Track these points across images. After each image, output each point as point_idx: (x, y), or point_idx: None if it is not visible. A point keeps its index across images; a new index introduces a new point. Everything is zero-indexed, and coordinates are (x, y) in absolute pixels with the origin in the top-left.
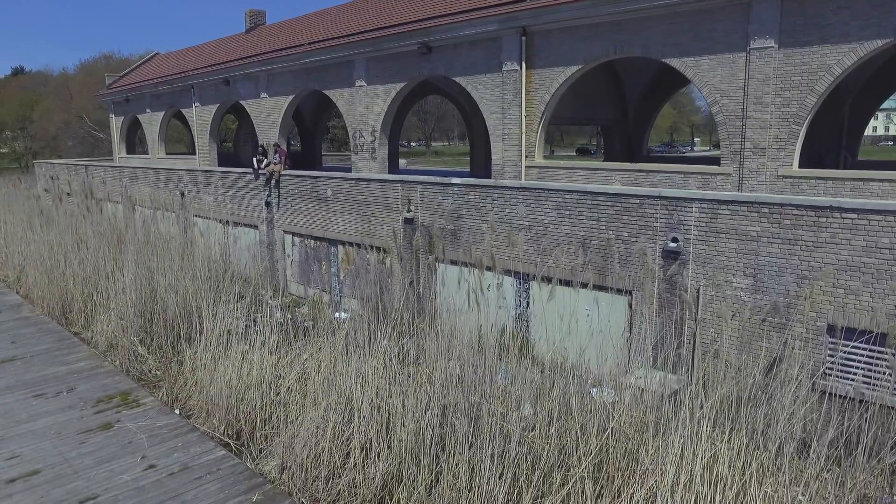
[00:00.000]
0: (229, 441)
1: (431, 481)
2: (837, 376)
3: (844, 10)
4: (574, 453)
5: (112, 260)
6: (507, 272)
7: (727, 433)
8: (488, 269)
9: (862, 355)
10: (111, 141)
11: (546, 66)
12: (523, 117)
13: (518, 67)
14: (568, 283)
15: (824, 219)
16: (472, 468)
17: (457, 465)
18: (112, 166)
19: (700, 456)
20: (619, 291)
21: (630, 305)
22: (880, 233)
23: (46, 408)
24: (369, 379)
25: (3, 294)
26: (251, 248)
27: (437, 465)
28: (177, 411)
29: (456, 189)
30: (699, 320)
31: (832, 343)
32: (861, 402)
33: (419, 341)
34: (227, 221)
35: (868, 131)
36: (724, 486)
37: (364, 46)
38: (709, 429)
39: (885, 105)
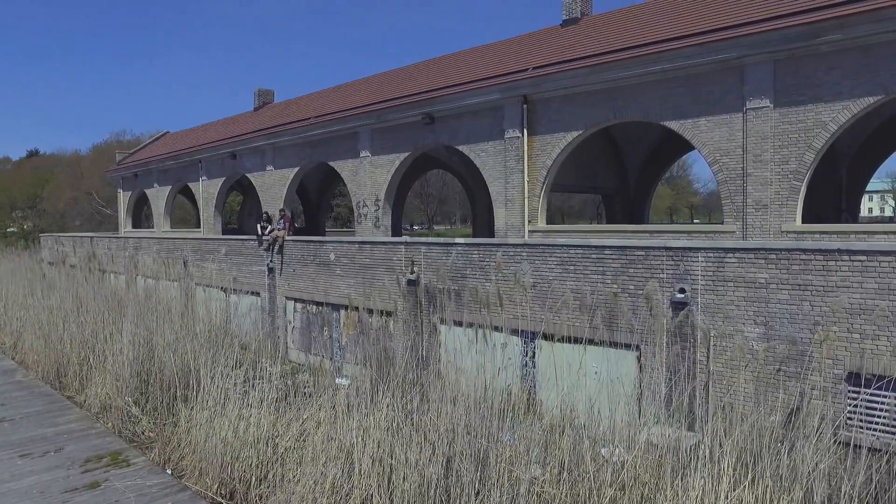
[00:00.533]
0: (222, 501)
1: None
2: (860, 426)
3: (835, 69)
4: (588, 502)
5: (111, 323)
6: (513, 331)
7: (750, 477)
8: (493, 328)
9: (884, 403)
10: (118, 216)
11: (547, 132)
12: (525, 182)
13: (520, 134)
14: (575, 340)
15: (833, 262)
16: None
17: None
18: (116, 237)
19: (723, 499)
20: (628, 346)
21: (639, 360)
22: (892, 274)
23: (31, 467)
24: (371, 432)
25: None
26: (252, 315)
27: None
28: (168, 471)
29: (459, 248)
30: (711, 372)
31: (852, 391)
32: (886, 452)
33: (423, 391)
34: (229, 289)
35: (863, 211)
36: None
37: (368, 118)
38: (730, 470)
39: (877, 187)
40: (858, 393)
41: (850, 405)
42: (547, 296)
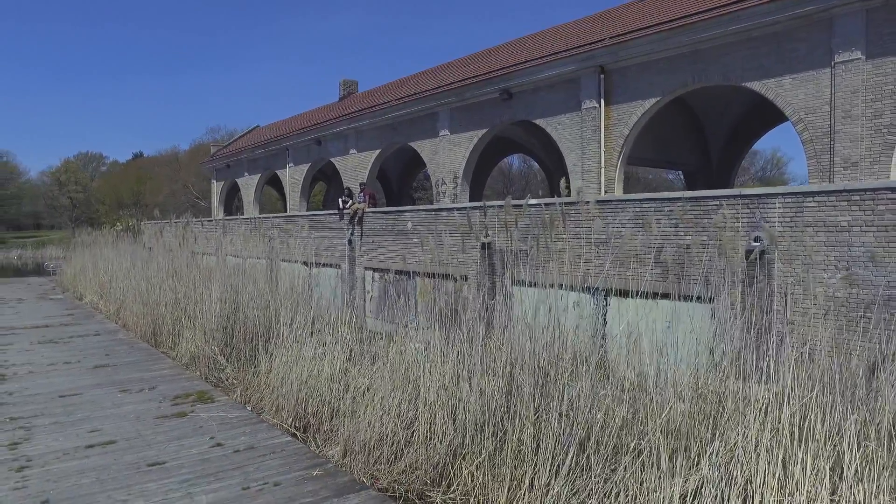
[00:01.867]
0: (296, 432)
1: (495, 447)
2: None
3: None
4: (648, 416)
5: (201, 287)
6: (585, 289)
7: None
8: (565, 287)
9: None
10: (211, 206)
11: (624, 101)
12: (602, 153)
13: (597, 105)
14: (647, 295)
15: None
16: (539, 430)
17: (522, 427)
18: (208, 220)
19: (788, 410)
20: (700, 299)
21: (713, 312)
22: None
23: (130, 399)
24: (438, 364)
25: (103, 323)
26: (332, 287)
27: (502, 430)
28: (249, 408)
29: (532, 210)
30: (788, 322)
31: None
32: None
33: (491, 319)
34: (311, 262)
35: None
36: (819, 444)
37: (447, 97)
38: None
39: None
40: None
41: None
42: (619, 252)
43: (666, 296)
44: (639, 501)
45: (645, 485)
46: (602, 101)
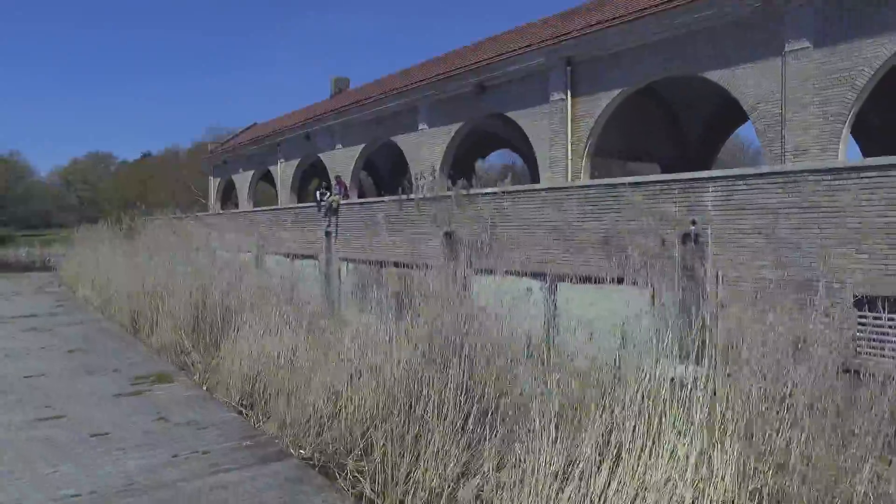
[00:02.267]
0: (242, 409)
1: (404, 418)
2: (869, 353)
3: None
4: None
5: (174, 278)
6: (535, 275)
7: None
8: (519, 274)
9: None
10: (209, 202)
11: (590, 92)
12: (570, 144)
13: (564, 97)
14: (592, 280)
15: (841, 181)
16: (442, 399)
17: (428, 398)
18: (197, 216)
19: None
20: (641, 284)
21: (652, 297)
22: None
23: (94, 380)
24: (369, 343)
25: (89, 314)
26: (310, 278)
27: (416, 398)
28: (204, 388)
29: (489, 198)
30: (720, 303)
31: (861, 316)
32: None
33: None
34: (292, 255)
35: None
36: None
37: (426, 91)
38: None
39: None
40: (867, 318)
41: (858, 332)
42: (566, 238)
43: (608, 280)
44: (528, 464)
45: (532, 453)
46: (569, 93)
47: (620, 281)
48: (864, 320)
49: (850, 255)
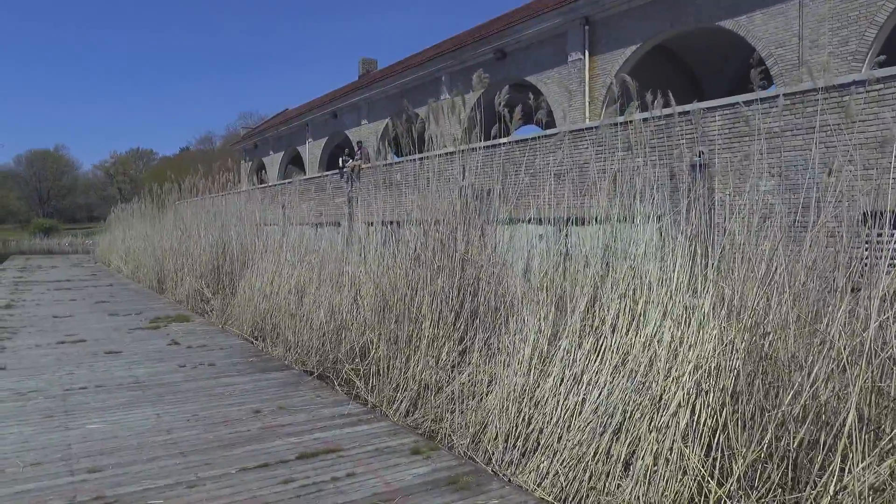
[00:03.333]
0: (252, 339)
1: (397, 319)
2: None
3: None
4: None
5: (198, 233)
6: (549, 220)
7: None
8: (531, 221)
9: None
10: (241, 185)
11: (607, 51)
12: (587, 103)
13: (581, 56)
14: (603, 220)
15: (848, 97)
16: (436, 301)
17: (422, 300)
18: (224, 194)
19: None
20: (650, 218)
21: (660, 230)
22: None
23: (114, 320)
24: (374, 268)
25: (119, 279)
26: (333, 240)
27: (413, 299)
28: (220, 326)
29: (503, 149)
30: (729, 233)
31: (867, 234)
32: None
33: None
34: (317, 224)
35: None
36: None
37: (447, 60)
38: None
39: None
40: (871, 235)
41: (866, 248)
42: (579, 181)
43: (618, 218)
44: (509, 350)
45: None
46: (587, 53)
47: (630, 218)
48: (869, 238)
49: (855, 171)
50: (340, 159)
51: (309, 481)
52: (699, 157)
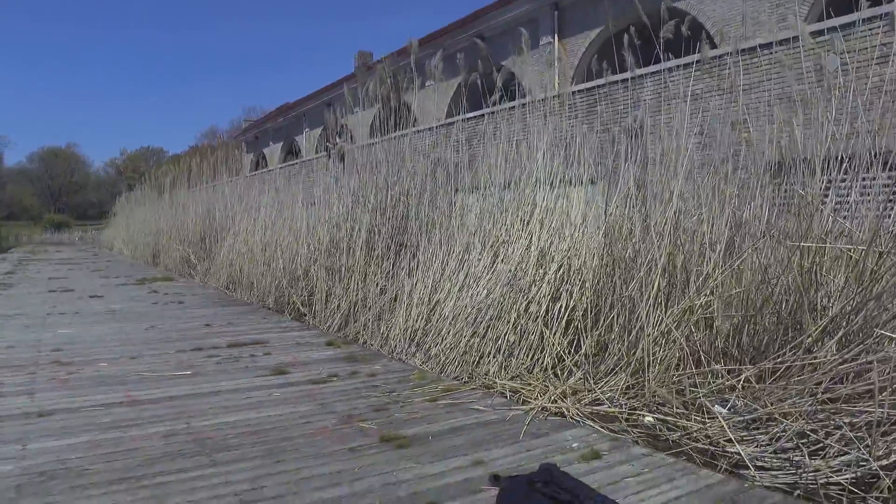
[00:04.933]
0: (226, 290)
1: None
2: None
3: None
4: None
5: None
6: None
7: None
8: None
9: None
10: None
11: (574, 34)
12: (556, 86)
13: (552, 40)
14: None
15: (756, 59)
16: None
17: (366, 229)
18: (218, 183)
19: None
20: (594, 181)
21: (603, 191)
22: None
23: (103, 280)
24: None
25: (118, 257)
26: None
27: (352, 236)
28: (200, 284)
29: (470, 122)
30: (657, 195)
31: (777, 183)
32: None
33: None
34: (310, 204)
35: None
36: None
37: (428, 49)
38: None
39: None
40: (782, 182)
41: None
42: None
43: (570, 181)
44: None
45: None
46: (556, 37)
47: (581, 181)
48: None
49: (763, 127)
50: (327, 143)
51: (231, 357)
52: (634, 121)
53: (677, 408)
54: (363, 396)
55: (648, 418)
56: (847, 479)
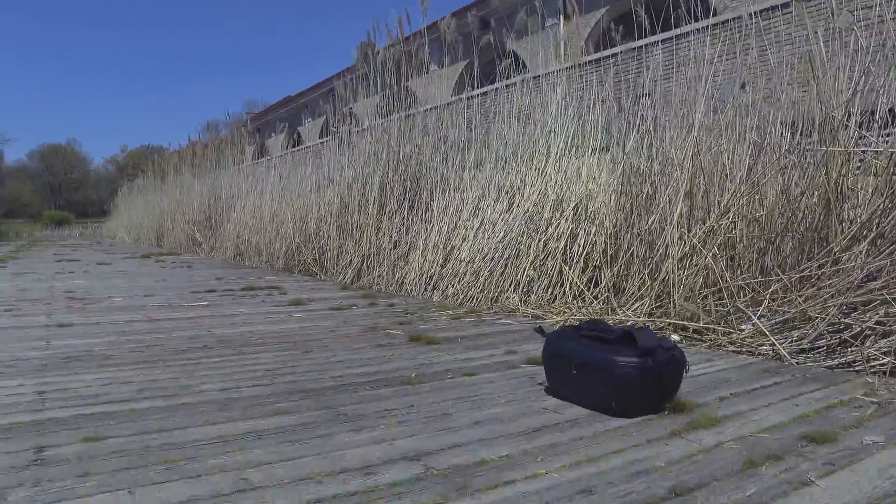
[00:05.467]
0: (232, 261)
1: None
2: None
3: None
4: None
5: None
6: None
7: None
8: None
9: None
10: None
11: (580, 14)
12: (562, 59)
13: (558, 21)
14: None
15: (767, 21)
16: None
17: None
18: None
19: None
20: (605, 149)
21: (612, 161)
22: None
23: (112, 257)
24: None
25: (121, 243)
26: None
27: (363, 194)
28: (206, 256)
29: (472, 101)
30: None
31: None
32: None
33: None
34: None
35: None
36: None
37: (433, 33)
38: None
39: None
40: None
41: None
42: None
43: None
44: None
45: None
46: (562, 18)
47: (591, 150)
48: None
49: (773, 88)
50: (332, 127)
51: (245, 297)
52: (644, 88)
53: (706, 323)
54: (385, 316)
55: (675, 336)
56: (886, 362)
